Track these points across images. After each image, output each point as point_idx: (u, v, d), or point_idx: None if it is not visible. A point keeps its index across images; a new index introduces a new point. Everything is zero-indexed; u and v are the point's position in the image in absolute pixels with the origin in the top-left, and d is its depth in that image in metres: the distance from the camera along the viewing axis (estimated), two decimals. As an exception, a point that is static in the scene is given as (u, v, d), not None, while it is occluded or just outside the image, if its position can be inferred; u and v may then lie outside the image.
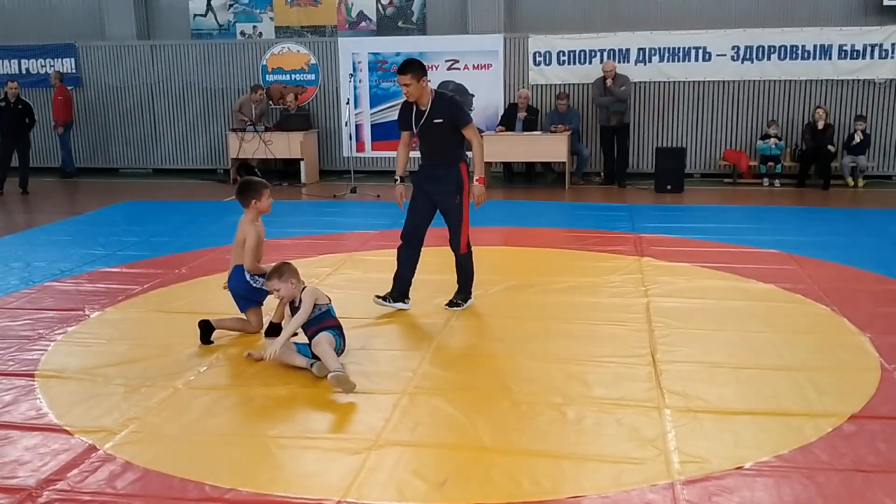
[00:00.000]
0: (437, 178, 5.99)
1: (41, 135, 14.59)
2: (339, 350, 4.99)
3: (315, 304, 4.97)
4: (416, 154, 6.18)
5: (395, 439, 4.08)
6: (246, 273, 5.51)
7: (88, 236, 9.10)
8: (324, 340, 4.87)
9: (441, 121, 5.86)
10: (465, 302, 6.23)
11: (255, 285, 5.53)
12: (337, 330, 5.05)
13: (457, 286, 6.28)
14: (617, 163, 12.98)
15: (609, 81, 12.63)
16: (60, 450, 4.00)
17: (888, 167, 13.04)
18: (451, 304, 6.20)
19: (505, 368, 5.05)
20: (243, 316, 5.66)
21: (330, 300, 5.12)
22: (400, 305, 6.16)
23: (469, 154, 6.01)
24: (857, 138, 12.33)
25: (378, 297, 6.17)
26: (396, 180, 6.27)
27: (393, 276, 6.19)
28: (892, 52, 12.60)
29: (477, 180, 5.96)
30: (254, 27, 15.05)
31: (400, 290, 6.18)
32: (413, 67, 5.77)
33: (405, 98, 5.93)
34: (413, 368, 5.04)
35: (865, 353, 5.16)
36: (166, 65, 14.79)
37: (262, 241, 5.62)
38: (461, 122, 5.92)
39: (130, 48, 14.86)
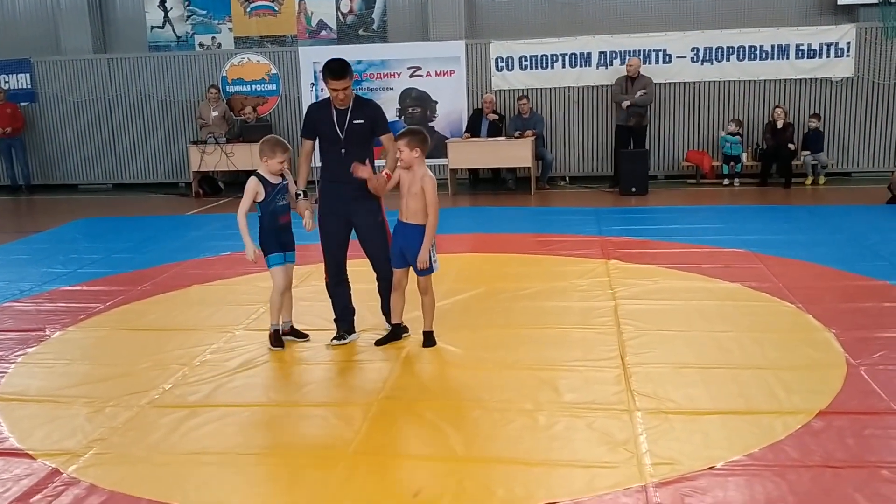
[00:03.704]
0: (355, 196, 5.40)
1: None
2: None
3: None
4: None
5: (366, 450, 4.04)
6: None
7: (48, 254, 8.94)
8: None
9: (362, 122, 5.38)
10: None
11: None
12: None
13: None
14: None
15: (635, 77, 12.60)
16: (23, 474, 3.90)
17: (847, 164, 13.24)
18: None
19: (475, 376, 5.02)
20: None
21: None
22: (354, 336, 5.72)
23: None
24: (804, 136, 12.53)
25: (335, 341, 5.64)
26: (299, 195, 5.60)
27: (336, 318, 5.72)
28: (848, 51, 12.81)
29: (385, 174, 5.38)
30: (212, 38, 14.92)
31: (351, 323, 5.74)
32: (349, 70, 5.27)
33: (335, 102, 5.35)
34: (383, 379, 5.00)
35: (831, 350, 5.21)
36: (124, 78, 14.61)
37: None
38: (380, 128, 5.48)
39: (87, 62, 14.67)
